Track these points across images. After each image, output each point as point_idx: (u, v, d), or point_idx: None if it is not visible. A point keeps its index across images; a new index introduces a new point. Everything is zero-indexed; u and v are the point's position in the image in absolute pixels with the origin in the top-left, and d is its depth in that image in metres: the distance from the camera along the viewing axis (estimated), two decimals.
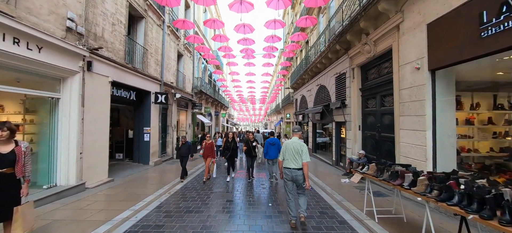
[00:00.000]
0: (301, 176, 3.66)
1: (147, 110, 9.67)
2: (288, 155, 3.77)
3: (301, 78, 15.18)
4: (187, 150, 7.09)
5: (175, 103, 12.62)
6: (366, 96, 7.73)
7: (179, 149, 7.26)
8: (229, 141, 7.32)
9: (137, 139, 9.65)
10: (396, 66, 5.73)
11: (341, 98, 8.78)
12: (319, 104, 11.79)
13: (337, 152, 9.61)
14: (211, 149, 7.14)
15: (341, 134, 9.57)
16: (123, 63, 7.63)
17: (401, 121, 5.37)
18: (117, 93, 7.90)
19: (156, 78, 10.04)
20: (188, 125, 15.38)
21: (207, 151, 7.13)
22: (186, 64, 14.64)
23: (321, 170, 8.82)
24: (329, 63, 10.24)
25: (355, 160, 7.58)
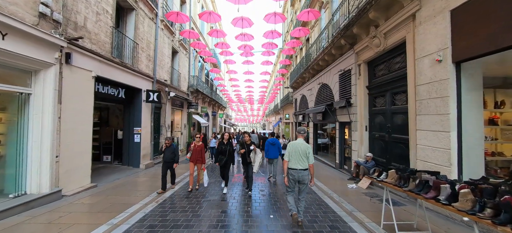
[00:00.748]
0: (306, 176, 3.79)
1: (138, 109, 8.99)
2: (295, 156, 3.81)
3: (301, 77, 14.61)
4: (173, 155, 5.77)
5: (169, 102, 11.95)
6: (373, 94, 7.16)
7: (163, 153, 5.81)
8: (223, 144, 5.80)
9: (126, 140, 8.97)
10: (410, 60, 5.16)
11: (346, 97, 8.20)
12: (321, 103, 11.21)
13: (341, 155, 9.03)
14: (201, 153, 5.98)
15: (345, 135, 8.99)
16: (110, 57, 6.96)
17: (418, 121, 4.78)
18: (103, 89, 7.22)
19: (148, 75, 9.37)
20: (184, 126, 14.71)
21: (196, 155, 5.93)
22: (181, 62, 13.98)
23: (324, 174, 8.22)
24: (332, 60, 9.67)
25: (362, 163, 7.00)
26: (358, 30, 6.93)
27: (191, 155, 6.00)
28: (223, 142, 5.85)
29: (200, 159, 6.02)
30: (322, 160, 11.39)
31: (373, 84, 7.10)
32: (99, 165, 8.83)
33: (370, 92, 7.29)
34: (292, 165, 3.80)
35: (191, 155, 6.00)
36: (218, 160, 5.75)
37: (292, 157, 3.83)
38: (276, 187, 6.50)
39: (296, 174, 3.75)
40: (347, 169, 8.46)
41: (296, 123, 18.09)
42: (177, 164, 5.84)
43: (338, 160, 9.14)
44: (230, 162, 5.78)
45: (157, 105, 10.87)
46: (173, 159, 5.78)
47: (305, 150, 3.79)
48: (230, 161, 5.77)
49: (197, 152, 5.99)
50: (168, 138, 5.82)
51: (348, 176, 7.86)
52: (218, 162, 5.77)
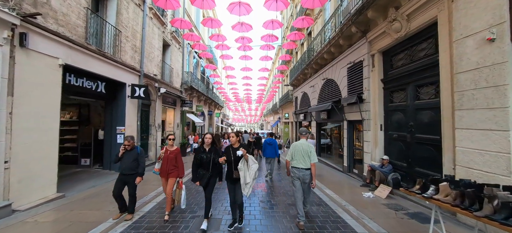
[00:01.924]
0: (308, 176, 3.85)
1: (121, 105, 7.95)
2: (297, 155, 3.89)
3: (303, 73, 13.67)
4: (135, 163, 3.90)
5: (160, 99, 10.92)
6: (390, 88, 6.23)
7: (119, 160, 3.92)
8: (204, 151, 3.70)
9: (108, 141, 7.92)
10: (444, 43, 4.24)
11: (356, 92, 7.26)
12: (325, 101, 10.27)
13: (350, 157, 8.09)
14: (175, 161, 4.09)
15: (355, 135, 8.06)
16: (84, 43, 5.93)
17: (458, 118, 3.85)
18: (77, 82, 6.19)
19: (133, 68, 8.34)
20: (177, 125, 13.68)
21: (168, 165, 4.02)
22: (174, 56, 12.95)
23: (332, 179, 7.27)
24: (339, 52, 8.73)
25: (378, 168, 6.07)
26: (373, 14, 6.00)
27: (160, 166, 4.14)
28: (204, 148, 3.71)
29: (174, 170, 4.07)
30: (326, 163, 10.44)
31: (390, 77, 6.18)
32: (76, 169, 7.77)
33: (386, 86, 6.37)
34: (295, 164, 3.90)
35: (161, 165, 4.12)
36: (198, 177, 3.65)
37: (295, 157, 3.92)
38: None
39: (299, 173, 3.86)
40: (358, 174, 7.52)
41: (296, 123, 17.16)
42: (141, 178, 3.93)
43: (346, 163, 8.20)
44: (214, 179, 3.70)
45: (145, 102, 9.84)
46: (134, 170, 3.89)
47: (307, 150, 3.87)
48: (214, 178, 3.70)
49: (170, 161, 4.03)
50: (128, 138, 3.97)
51: (359, 181, 6.92)
52: (198, 180, 3.65)
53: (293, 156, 3.94)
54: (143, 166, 4.07)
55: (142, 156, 4.10)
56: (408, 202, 4.90)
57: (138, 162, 3.98)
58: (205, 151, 3.71)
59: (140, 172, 3.98)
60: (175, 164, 4.09)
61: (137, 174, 3.95)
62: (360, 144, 7.89)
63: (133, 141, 4.04)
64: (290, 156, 3.98)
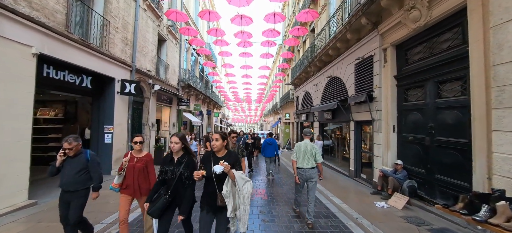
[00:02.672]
0: (314, 174, 3.90)
1: (110, 102, 7.33)
2: (301, 156, 3.95)
3: (305, 71, 13.06)
4: (83, 175, 2.82)
5: (154, 96, 10.30)
6: (405, 86, 5.62)
7: (58, 171, 2.77)
8: (171, 162, 2.52)
9: (95, 140, 7.29)
10: (477, 32, 3.63)
11: (366, 90, 6.64)
12: (329, 100, 9.66)
13: (357, 161, 7.47)
14: (144, 174, 2.92)
15: (363, 137, 7.45)
16: (64, 31, 5.31)
17: (497, 118, 3.23)
18: (56, 75, 5.57)
19: (123, 62, 7.72)
20: (173, 125, 13.05)
21: (137, 179, 2.88)
22: (170, 52, 12.34)
23: (338, 185, 6.65)
24: (345, 47, 8.12)
25: (390, 174, 5.45)
26: (387, 2, 5.39)
27: (122, 181, 2.89)
28: (172, 157, 2.53)
29: (145, 187, 2.90)
30: (330, 166, 9.83)
31: (405, 73, 5.57)
32: None
33: (400, 83, 5.75)
34: (300, 164, 3.96)
35: (124, 179, 2.88)
36: (151, 198, 2.46)
37: (299, 157, 3.98)
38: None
39: (304, 173, 3.92)
40: (366, 179, 6.90)
41: (298, 123, 16.55)
42: (97, 193, 2.91)
43: (353, 167, 7.58)
44: (173, 210, 2.50)
45: (138, 99, 9.22)
46: (82, 185, 2.78)
47: (311, 150, 3.95)
48: (172, 209, 2.49)
49: (139, 173, 2.87)
50: (69, 139, 2.74)
51: (368, 188, 6.31)
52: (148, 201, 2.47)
53: (297, 157, 4.02)
54: (99, 177, 2.93)
55: (96, 163, 2.94)
56: (429, 215, 4.28)
57: (89, 173, 2.85)
58: (172, 161, 2.50)
59: (95, 185, 2.88)
60: (143, 178, 2.91)
61: (87, 190, 2.84)
62: (367, 146, 7.28)
63: (76, 143, 2.78)
64: (295, 156, 4.05)
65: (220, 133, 2.44)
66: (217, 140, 2.38)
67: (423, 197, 4.96)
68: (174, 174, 2.41)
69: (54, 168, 2.74)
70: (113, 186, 2.93)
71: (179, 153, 2.53)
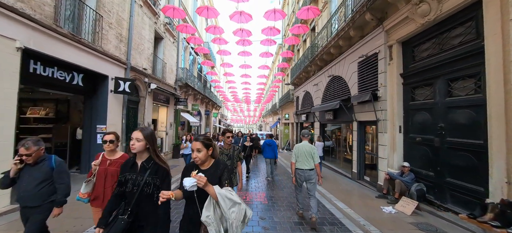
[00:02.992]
0: (313, 175, 3.93)
1: (103, 101, 7.02)
2: (301, 157, 3.98)
3: (306, 70, 12.81)
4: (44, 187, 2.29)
5: (150, 95, 9.99)
6: (412, 84, 5.37)
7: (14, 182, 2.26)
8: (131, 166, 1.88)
9: (87, 141, 6.96)
10: (493, 25, 3.39)
11: (370, 89, 6.39)
12: (330, 100, 9.39)
13: (360, 162, 7.20)
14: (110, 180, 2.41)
15: (367, 138, 7.19)
16: (52, 25, 5.00)
17: None
18: (44, 71, 5.25)
19: (118, 59, 7.41)
20: (170, 125, 12.74)
21: (110, 187, 2.39)
22: (167, 50, 12.03)
23: (341, 188, 6.37)
24: (348, 45, 7.87)
25: (396, 176, 5.19)
26: None
27: (92, 190, 2.44)
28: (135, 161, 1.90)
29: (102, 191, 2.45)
30: (331, 167, 9.56)
31: (411, 71, 5.31)
32: None
33: (406, 82, 5.50)
34: (299, 165, 3.97)
35: (95, 186, 2.44)
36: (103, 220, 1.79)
37: (299, 158, 4.00)
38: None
39: (303, 174, 3.95)
40: (370, 181, 6.64)
41: (298, 124, 16.29)
42: (60, 209, 2.34)
43: (355, 168, 7.31)
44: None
45: (133, 99, 8.91)
46: (46, 199, 2.29)
47: (310, 151, 3.97)
48: None
49: (109, 180, 2.42)
50: (28, 142, 2.21)
51: (372, 191, 6.04)
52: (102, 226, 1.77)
53: (297, 158, 4.02)
54: (65, 189, 2.37)
55: (63, 172, 2.40)
56: (440, 221, 4.01)
57: (54, 185, 2.33)
58: (135, 166, 1.87)
59: (58, 199, 2.31)
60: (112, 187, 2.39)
61: (51, 204, 2.31)
62: (370, 148, 7.02)
63: (37, 148, 2.25)
64: (294, 157, 4.05)
65: (203, 140, 1.80)
66: (199, 151, 1.75)
67: (432, 202, 4.69)
68: (136, 185, 1.78)
69: (7, 179, 2.21)
70: (80, 196, 2.41)
71: (143, 155, 1.87)
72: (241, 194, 5.69)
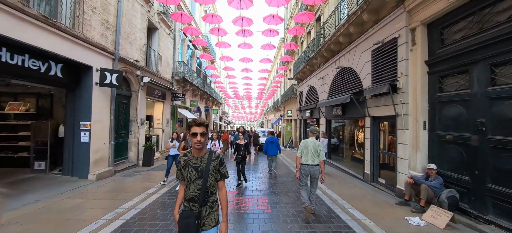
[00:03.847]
0: (318, 171, 4.00)
1: (86, 95, 6.31)
2: (307, 153, 4.01)
3: (310, 63, 12.00)
4: None
5: (144, 90, 9.28)
6: (439, 73, 4.58)
7: None
8: None
9: (70, 139, 6.28)
10: None
11: (387, 80, 5.61)
12: (338, 93, 8.61)
13: (374, 163, 6.44)
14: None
15: (383, 135, 6.43)
16: (16, 4, 4.27)
17: None
18: (12, 59, 4.55)
19: (104, 48, 6.68)
20: (166, 121, 12.05)
21: None
22: (162, 42, 11.28)
23: (354, 193, 5.63)
24: (360, 32, 7.06)
25: (422, 181, 4.44)
26: None
27: None
28: None
29: None
30: (339, 167, 8.82)
31: (439, 56, 4.52)
32: (27, 175, 6.14)
33: (433, 70, 4.71)
34: (305, 161, 4.01)
35: None
36: None
37: (305, 154, 4.03)
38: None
39: (308, 169, 3.99)
40: (386, 185, 5.89)
41: (301, 121, 15.52)
42: None
43: (368, 169, 6.56)
44: None
45: (124, 93, 8.22)
46: None
47: (316, 147, 4.02)
48: None
49: None
50: None
51: (390, 196, 5.30)
52: None
53: (302, 153, 4.05)
54: None
55: None
56: None
57: None
58: None
59: None
60: None
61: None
62: (385, 146, 6.27)
63: None
64: (300, 153, 4.08)
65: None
66: None
67: (467, 212, 3.95)
68: None
69: None
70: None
71: None
72: (238, 199, 4.98)
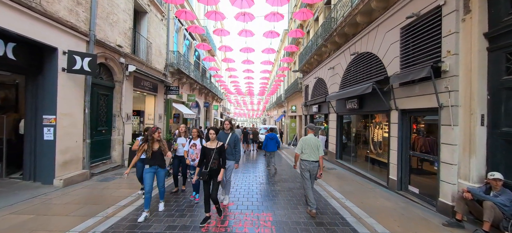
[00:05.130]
0: (317, 167, 4.12)
1: (50, 82, 5.19)
2: (308, 149, 4.09)
3: (318, 52, 10.76)
4: None
5: (129, 80, 8.13)
6: (506, 48, 3.34)
7: None
8: None
9: (30, 136, 5.18)
10: None
11: (425, 62, 4.37)
12: (354, 83, 7.35)
13: (403, 167, 5.23)
14: None
15: (417, 133, 5.20)
16: None
17: None
18: None
19: (73, 27, 5.52)
20: (159, 117, 10.92)
21: None
22: (154, 28, 10.10)
23: (379, 205, 4.45)
24: (384, 7, 5.81)
25: (483, 195, 3.25)
26: None
27: None
28: None
29: None
30: (352, 169, 7.62)
31: (508, 26, 3.28)
32: None
33: (496, 45, 3.47)
34: (306, 157, 4.09)
35: None
36: None
37: (306, 150, 4.10)
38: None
39: (309, 165, 4.06)
40: (420, 195, 4.69)
41: (307, 116, 14.30)
42: None
43: (395, 175, 5.35)
44: None
45: (105, 83, 7.09)
46: None
47: (316, 144, 4.11)
48: None
49: None
50: None
51: (428, 210, 4.11)
52: None
53: (303, 150, 4.12)
54: None
55: None
56: None
57: None
58: None
59: None
60: None
61: None
62: (417, 147, 5.05)
63: None
64: (300, 149, 4.15)
65: None
66: None
67: None
68: None
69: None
70: None
71: None
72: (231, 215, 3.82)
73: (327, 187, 5.71)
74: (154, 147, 3.71)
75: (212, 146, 3.52)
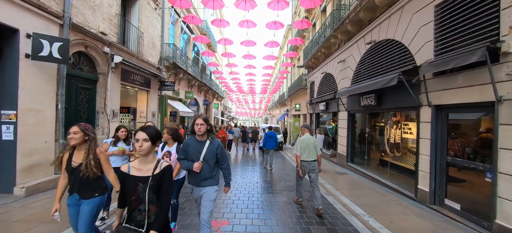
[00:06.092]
0: (316, 166, 4.17)
1: (9, 71, 4.32)
2: (307, 150, 4.14)
3: (326, 45, 9.81)
4: None
5: (116, 73, 7.27)
6: None
7: None
8: None
9: None
10: None
11: (471, 45, 3.41)
12: (371, 76, 6.37)
13: (437, 176, 4.26)
14: None
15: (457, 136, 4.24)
16: None
17: None
18: None
19: (41, 6, 4.64)
20: (152, 114, 10.06)
21: None
22: (146, 18, 9.23)
23: (412, 225, 3.52)
24: None
25: None
26: None
27: None
28: None
29: None
30: (367, 174, 6.66)
31: None
32: None
33: None
34: (305, 157, 4.13)
35: None
36: None
37: (304, 151, 4.14)
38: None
39: (308, 165, 4.13)
40: (464, 213, 3.74)
41: (312, 115, 13.34)
42: None
43: (426, 185, 4.40)
44: None
45: (85, 75, 6.23)
46: None
47: (313, 143, 4.21)
48: None
49: None
50: None
51: (468, 230, 3.15)
52: None
53: (302, 151, 4.14)
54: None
55: None
56: None
57: None
58: None
59: None
60: None
61: None
62: (458, 152, 4.10)
63: None
64: (299, 150, 4.16)
65: None
66: None
67: None
68: None
69: None
70: None
71: None
72: None
73: (341, 197, 4.79)
74: (76, 158, 2.01)
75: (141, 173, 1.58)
